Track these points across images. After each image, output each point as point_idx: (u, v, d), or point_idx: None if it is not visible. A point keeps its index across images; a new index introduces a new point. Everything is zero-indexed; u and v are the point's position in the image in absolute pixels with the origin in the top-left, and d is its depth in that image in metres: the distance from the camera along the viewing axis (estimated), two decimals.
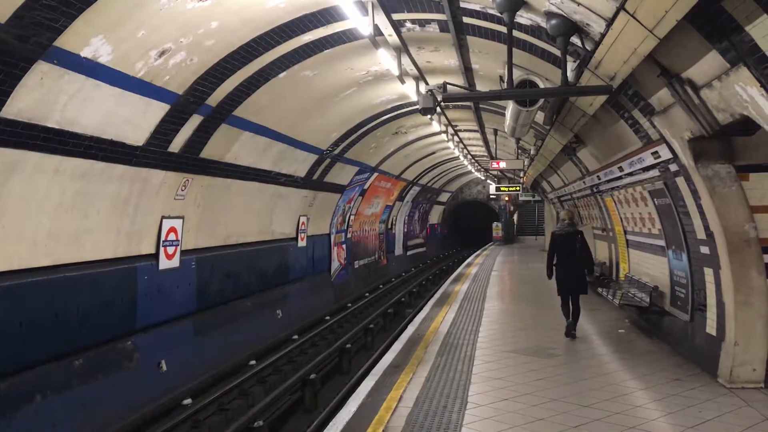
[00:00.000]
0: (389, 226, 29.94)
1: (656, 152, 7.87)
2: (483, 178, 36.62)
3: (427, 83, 11.19)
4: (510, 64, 7.25)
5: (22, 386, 7.45)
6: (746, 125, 5.59)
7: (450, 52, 10.45)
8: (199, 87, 8.94)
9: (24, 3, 5.62)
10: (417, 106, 9.88)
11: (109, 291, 9.14)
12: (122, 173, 8.79)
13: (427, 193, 35.61)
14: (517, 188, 27.79)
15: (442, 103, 10.85)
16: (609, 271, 14.69)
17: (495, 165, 21.27)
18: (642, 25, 4.74)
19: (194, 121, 9.51)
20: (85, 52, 6.74)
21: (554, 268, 9.79)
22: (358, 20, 7.57)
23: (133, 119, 8.31)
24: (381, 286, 24.20)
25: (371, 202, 24.62)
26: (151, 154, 9.12)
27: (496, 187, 29.05)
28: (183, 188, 10.46)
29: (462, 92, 10.39)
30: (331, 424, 6.10)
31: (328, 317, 16.73)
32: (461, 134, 20.63)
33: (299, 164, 14.69)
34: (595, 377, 7.34)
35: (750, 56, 4.43)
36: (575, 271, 9.47)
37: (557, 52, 7.34)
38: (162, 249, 10.34)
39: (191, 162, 10.24)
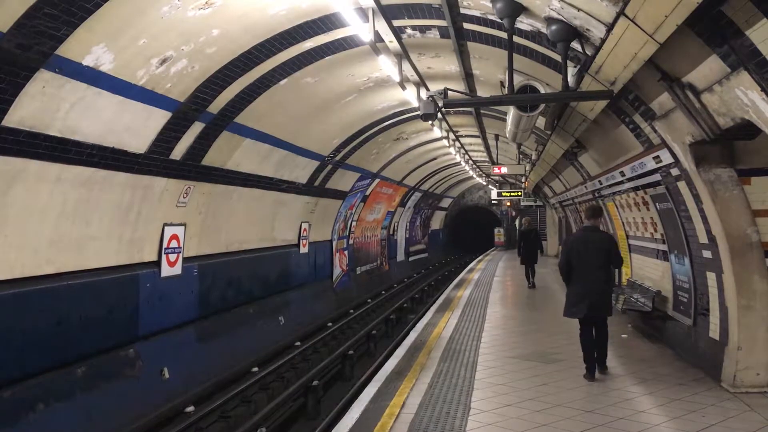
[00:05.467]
0: (391, 232, 29.93)
1: (657, 157, 7.87)
2: (484, 183, 36.57)
3: (428, 89, 11.18)
4: (511, 70, 7.26)
5: (25, 394, 7.45)
6: (747, 129, 5.59)
7: (451, 58, 10.47)
8: (201, 94, 8.96)
9: (26, 12, 5.65)
10: (418, 112, 9.89)
11: (112, 299, 9.14)
12: (124, 181, 8.81)
13: (428, 199, 35.61)
14: (519, 193, 27.74)
15: (443, 109, 10.87)
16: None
17: (496, 170, 21.23)
18: (642, 30, 4.75)
19: (196, 128, 9.53)
20: (87, 61, 6.76)
21: (521, 249, 17.83)
22: (358, 27, 7.59)
23: (135, 127, 8.33)
24: (383, 292, 24.17)
25: (373, 208, 24.63)
26: (152, 162, 9.14)
27: (498, 192, 29.01)
28: (185, 195, 10.48)
29: (463, 98, 10.39)
30: (333, 430, 6.08)
31: (330, 323, 16.71)
32: (462, 140, 20.63)
33: (301, 171, 14.71)
34: (598, 382, 7.32)
35: (750, 60, 4.43)
36: (531, 250, 17.34)
37: (558, 58, 7.35)
38: (164, 256, 10.35)
39: (193, 169, 10.26)
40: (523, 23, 7.23)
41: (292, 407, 10.17)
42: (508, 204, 40.42)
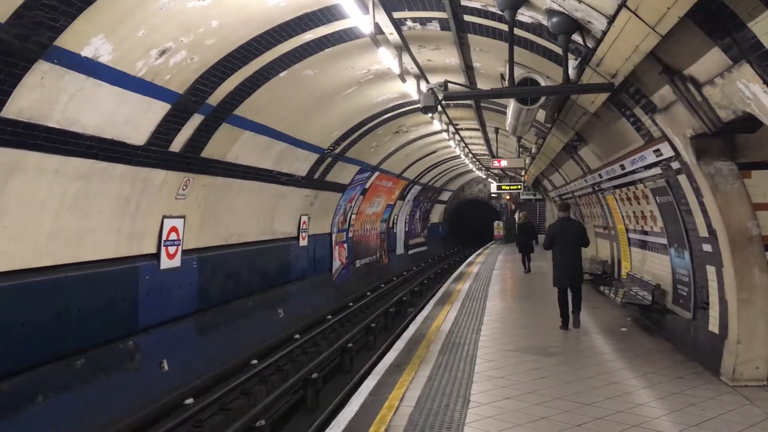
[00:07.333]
0: (390, 225, 29.93)
1: (658, 150, 7.85)
2: (484, 176, 36.60)
3: (428, 82, 11.14)
4: (511, 62, 7.23)
5: (24, 386, 7.45)
6: (748, 122, 5.57)
7: (451, 51, 10.43)
8: (200, 86, 8.93)
9: (24, 2, 5.62)
10: (418, 105, 9.86)
11: (111, 291, 9.13)
12: (123, 173, 8.79)
13: (428, 192, 35.59)
14: (519, 187, 27.73)
15: (443, 102, 10.81)
16: (611, 270, 14.66)
17: (496, 163, 21.25)
18: (644, 22, 4.73)
19: (195, 120, 9.51)
20: (86, 52, 6.73)
21: (518, 239, 20.98)
22: (358, 19, 7.56)
23: (134, 119, 8.30)
24: (382, 285, 24.18)
25: (372, 201, 24.62)
26: (152, 154, 9.12)
27: (498, 185, 28.99)
28: (184, 188, 10.46)
29: (463, 91, 10.37)
30: (333, 423, 6.09)
31: (329, 316, 16.72)
32: (462, 133, 20.61)
33: (300, 163, 14.69)
34: (597, 375, 7.33)
35: (752, 53, 4.41)
36: (527, 240, 20.08)
37: (558, 50, 7.32)
38: (163, 249, 10.34)
39: (192, 161, 10.24)
40: (524, 15, 7.19)
41: (291, 400, 10.18)
42: (508, 197, 40.41)
